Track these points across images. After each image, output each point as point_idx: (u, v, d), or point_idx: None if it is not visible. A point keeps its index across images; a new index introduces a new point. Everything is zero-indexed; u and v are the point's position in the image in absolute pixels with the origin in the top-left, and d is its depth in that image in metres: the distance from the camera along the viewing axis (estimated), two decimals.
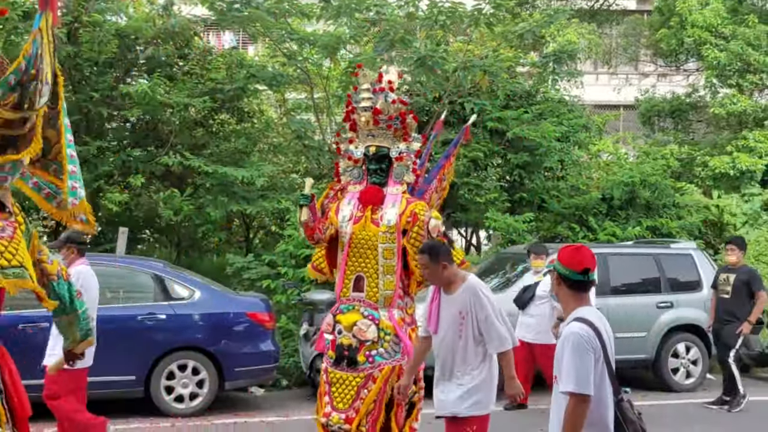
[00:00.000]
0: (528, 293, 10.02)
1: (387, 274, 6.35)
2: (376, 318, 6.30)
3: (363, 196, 6.51)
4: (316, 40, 14.26)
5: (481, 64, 14.52)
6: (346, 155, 6.70)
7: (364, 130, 6.57)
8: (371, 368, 6.26)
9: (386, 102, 6.53)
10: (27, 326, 9.02)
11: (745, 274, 10.26)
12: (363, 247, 6.37)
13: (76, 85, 13.98)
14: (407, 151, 6.59)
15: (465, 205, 15.02)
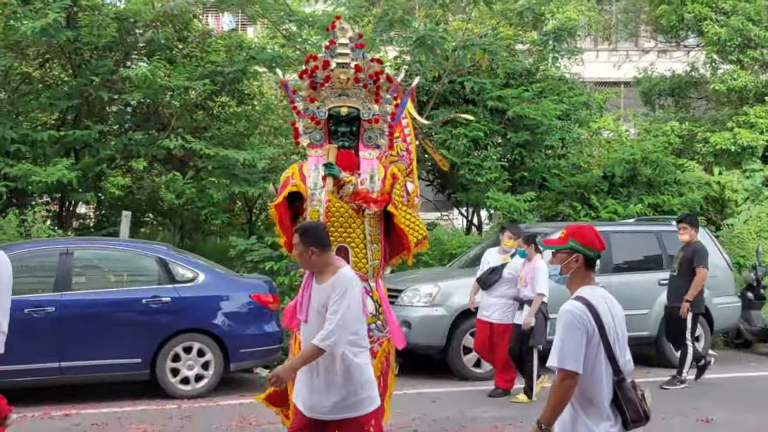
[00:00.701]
0: (495, 275, 9.70)
1: (374, 243, 6.02)
2: (369, 290, 5.93)
3: (339, 162, 5.99)
4: (315, 21, 14.23)
5: (480, 42, 14.50)
6: (307, 115, 6.20)
7: (337, 88, 6.12)
8: (371, 343, 5.75)
9: (365, 60, 6.21)
10: (33, 310, 9.07)
11: (691, 251, 10.10)
12: (344, 216, 5.93)
13: (76, 69, 13.98)
14: (381, 114, 6.22)
15: (466, 185, 15.04)
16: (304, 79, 6.22)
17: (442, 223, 17.07)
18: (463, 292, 10.73)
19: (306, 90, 6.21)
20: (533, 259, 9.42)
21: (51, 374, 9.14)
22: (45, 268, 9.60)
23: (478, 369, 10.71)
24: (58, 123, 14.52)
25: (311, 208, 5.96)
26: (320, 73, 6.14)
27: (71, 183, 12.45)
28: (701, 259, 9.96)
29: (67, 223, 14.33)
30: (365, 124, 6.16)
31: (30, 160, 13.12)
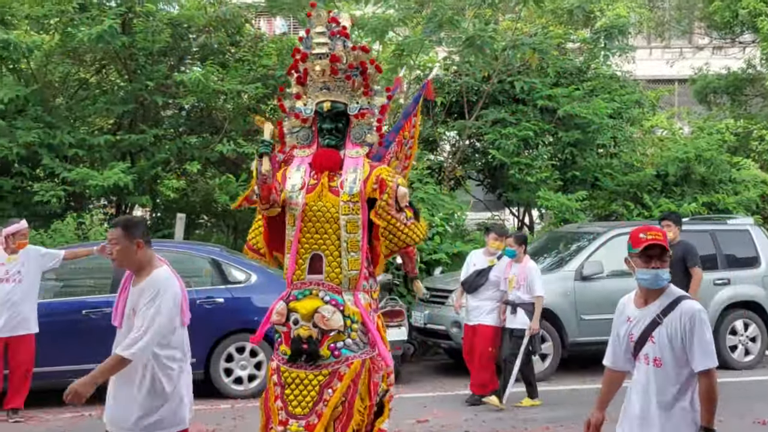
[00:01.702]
0: (481, 277, 9.37)
1: (351, 251, 5.33)
2: (341, 303, 5.27)
3: (316, 160, 5.45)
4: (365, 23, 14.32)
5: (530, 42, 14.47)
6: (293, 114, 5.60)
7: (318, 82, 5.49)
8: (337, 363, 5.23)
9: (345, 48, 5.49)
10: (90, 312, 9.28)
11: (681, 249, 9.56)
12: (320, 221, 5.31)
13: (131, 75, 14.26)
14: (369, 107, 5.54)
15: (516, 185, 14.99)
16: (292, 75, 5.66)
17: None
18: None
19: (294, 87, 5.64)
20: (523, 260, 9.14)
21: None
22: (102, 270, 9.82)
23: None
24: (114, 128, 14.81)
25: (289, 212, 5.40)
26: (301, 67, 5.55)
27: (127, 186, 12.70)
28: (694, 258, 9.52)
29: None
30: (353, 120, 5.51)
31: (87, 164, 13.42)
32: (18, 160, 12.74)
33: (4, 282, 8.39)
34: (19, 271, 8.47)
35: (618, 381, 4.40)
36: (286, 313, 5.31)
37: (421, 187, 13.25)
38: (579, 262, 11.16)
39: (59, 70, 14.31)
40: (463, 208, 14.16)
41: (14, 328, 8.35)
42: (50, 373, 9.02)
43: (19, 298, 8.37)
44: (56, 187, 12.62)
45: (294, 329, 5.25)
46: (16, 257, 8.51)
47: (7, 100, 12.53)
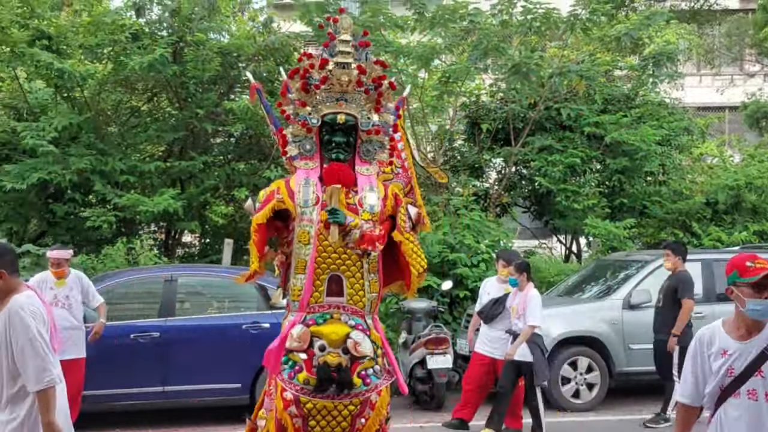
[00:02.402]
0: (498, 307, 9.02)
1: (371, 273, 5.10)
2: (366, 328, 5.06)
3: (331, 174, 5.09)
4: (411, 51, 14.42)
5: (577, 68, 14.43)
6: (298, 121, 5.26)
7: (334, 92, 5.21)
8: (367, 392, 4.97)
9: (368, 61, 5.29)
10: (138, 336, 9.41)
11: (675, 279, 9.47)
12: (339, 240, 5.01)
13: (182, 103, 14.51)
14: (381, 124, 5.33)
15: (563, 212, 14.90)
16: (295, 80, 5.30)
17: (540, 251, 16.93)
18: (561, 321, 10.68)
19: (297, 92, 5.29)
20: (525, 288, 8.72)
21: (155, 398, 9.45)
22: (151, 295, 9.97)
23: (577, 399, 10.57)
24: (164, 154, 15.06)
25: (300, 229, 5.06)
26: (316, 74, 5.21)
27: (177, 212, 12.89)
28: (686, 290, 9.31)
29: (173, 251, 14.82)
30: (363, 135, 5.28)
31: (138, 190, 13.66)
32: (71, 186, 13.01)
33: (53, 306, 8.35)
34: (67, 296, 8.55)
35: (694, 418, 4.18)
36: (309, 339, 4.97)
37: (467, 213, 13.24)
38: (627, 291, 11.02)
39: (112, 98, 14.62)
40: (510, 236, 14.10)
41: (64, 352, 8.42)
42: (100, 396, 9.16)
43: (69, 323, 8.44)
44: (107, 212, 12.85)
45: (319, 356, 4.93)
46: (64, 282, 8.59)
47: (61, 127, 12.83)
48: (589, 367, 10.63)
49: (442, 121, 16.54)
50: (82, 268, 11.87)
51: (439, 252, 12.37)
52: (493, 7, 14.80)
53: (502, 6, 14.62)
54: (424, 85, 15.54)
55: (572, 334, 10.68)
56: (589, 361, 10.64)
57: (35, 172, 12.54)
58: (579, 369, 10.61)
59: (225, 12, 15.28)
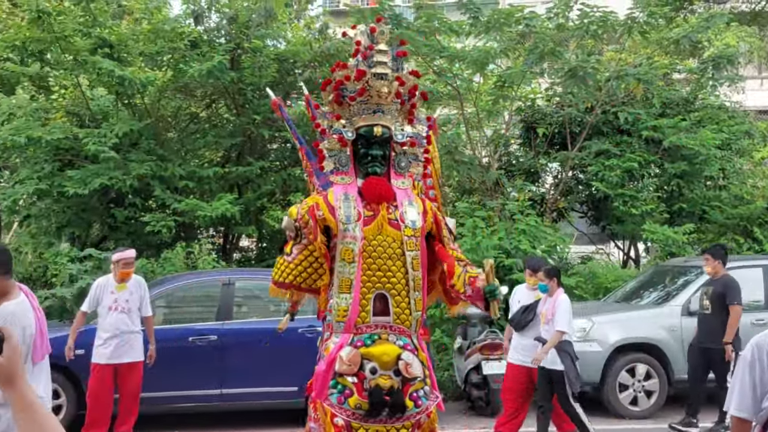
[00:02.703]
0: (529, 314, 8.74)
1: (416, 290, 4.91)
2: (414, 348, 4.89)
3: (372, 189, 4.93)
4: (466, 55, 14.41)
5: (634, 72, 14.28)
6: (334, 135, 5.08)
7: (371, 104, 5.01)
8: (418, 414, 4.81)
9: (404, 72, 5.13)
10: (196, 339, 9.55)
11: (721, 285, 9.23)
12: (381, 257, 4.82)
13: (239, 109, 14.70)
14: (415, 137, 5.17)
15: (620, 217, 14.74)
16: (328, 92, 5.15)
17: (597, 257, 16.77)
18: (618, 327, 10.58)
19: (330, 105, 5.16)
20: (555, 293, 8.50)
21: (212, 400, 9.56)
22: (209, 298, 10.11)
23: (635, 407, 10.44)
24: (222, 160, 15.27)
25: (343, 246, 4.85)
26: (351, 85, 5.03)
27: (234, 217, 13.06)
28: (734, 296, 9.10)
29: (230, 255, 15.01)
30: (397, 148, 5.11)
31: (197, 195, 13.87)
32: (132, 191, 13.27)
33: (113, 310, 8.51)
34: (127, 300, 8.57)
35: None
36: (359, 361, 4.74)
37: (523, 218, 13.18)
38: (686, 297, 10.85)
39: (171, 105, 14.88)
40: (566, 241, 14.00)
41: (122, 355, 8.50)
42: (158, 398, 9.31)
43: (127, 327, 8.51)
44: (167, 217, 13.08)
45: (370, 379, 4.71)
46: (125, 286, 8.61)
47: (122, 134, 13.09)
48: (647, 374, 10.50)
49: (497, 126, 16.50)
50: (142, 273, 12.12)
51: (494, 257, 12.33)
52: (548, 11, 14.73)
53: (558, 10, 14.53)
54: (479, 90, 15.53)
55: (630, 341, 10.56)
56: (648, 368, 10.51)
57: (97, 178, 12.81)
58: (637, 376, 10.49)
59: (281, 19, 15.46)
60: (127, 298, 8.57)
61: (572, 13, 14.51)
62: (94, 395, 8.45)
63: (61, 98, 15.23)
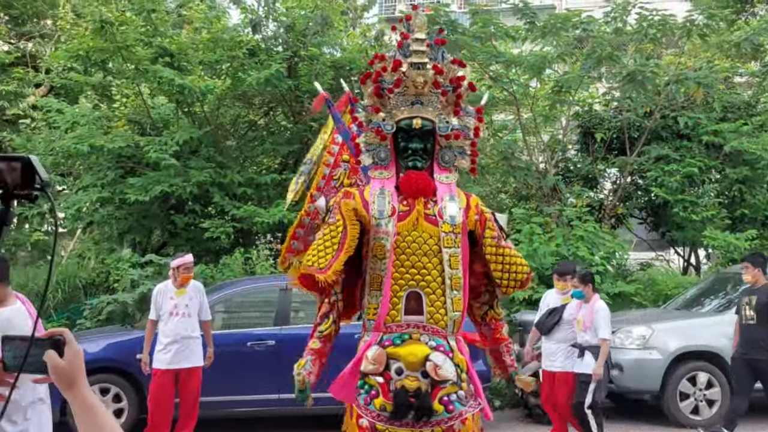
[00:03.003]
0: (554, 317, 8.60)
1: (455, 290, 4.57)
2: (448, 350, 4.54)
3: (409, 184, 4.64)
4: (522, 60, 14.35)
5: (694, 76, 14.08)
6: (373, 129, 4.78)
7: (409, 95, 4.73)
8: (450, 420, 4.47)
9: (445, 61, 4.82)
10: (255, 344, 9.65)
11: (765, 294, 8.94)
12: (416, 253, 4.55)
13: (296, 116, 14.84)
14: (461, 129, 4.82)
15: (680, 223, 14.52)
16: (368, 85, 4.87)
17: (657, 264, 16.53)
18: (679, 334, 10.43)
19: (370, 98, 4.86)
20: (591, 299, 8.38)
21: (270, 405, 9.63)
22: (266, 304, 10.20)
23: (696, 416, 10.27)
24: (280, 167, 15.42)
25: (375, 242, 4.60)
26: (389, 77, 4.76)
27: (292, 223, 13.15)
28: None
29: None
30: (442, 141, 4.79)
31: (255, 202, 14.03)
32: (191, 198, 13.47)
33: (174, 315, 8.53)
34: (187, 305, 8.57)
35: None
36: (385, 361, 4.50)
37: (581, 224, 13.06)
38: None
39: (230, 113, 15.08)
40: (625, 247, 13.83)
41: (183, 360, 8.54)
42: (217, 402, 9.42)
43: (187, 332, 8.52)
44: (225, 224, 13.25)
45: (396, 380, 4.45)
46: (185, 291, 8.61)
47: (182, 141, 13.32)
48: (708, 383, 10.32)
49: (554, 131, 16.39)
50: (201, 278, 12.29)
51: (552, 264, 12.25)
52: (606, 15, 14.60)
53: (615, 14, 14.39)
54: (535, 95, 15.44)
55: (691, 349, 10.39)
56: (709, 376, 10.33)
57: (158, 185, 13.05)
58: (698, 384, 10.32)
59: (338, 27, 15.57)
60: (186, 303, 8.59)
61: (630, 17, 14.36)
62: (155, 400, 8.54)
63: (122, 107, 15.57)
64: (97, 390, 9.23)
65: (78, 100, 16.62)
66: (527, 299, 12.09)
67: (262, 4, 15.24)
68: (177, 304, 8.58)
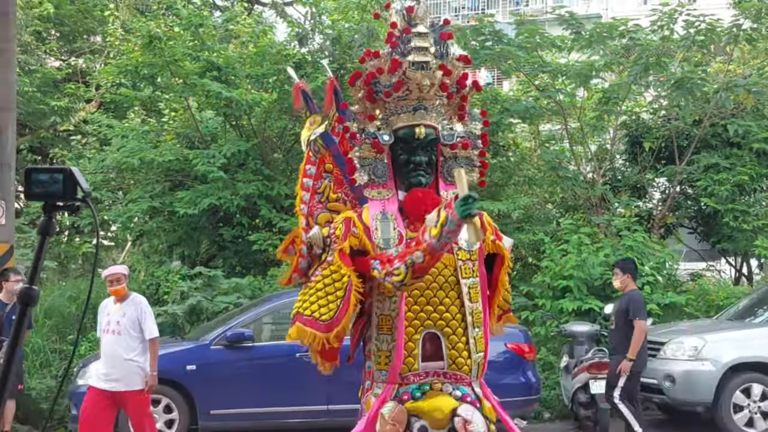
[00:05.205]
0: None
1: (476, 327, 3.91)
2: (475, 399, 3.90)
3: (416, 205, 3.91)
4: (569, 69, 14.26)
5: (744, 83, 13.86)
6: (367, 140, 4.01)
7: (411, 100, 3.98)
8: None
9: (450, 58, 4.07)
10: (303, 355, 9.66)
11: (625, 300, 8.96)
12: (431, 287, 3.84)
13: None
14: (467, 137, 4.12)
15: (731, 234, 14.28)
16: (358, 87, 4.11)
17: (708, 274, 16.29)
18: (732, 345, 10.25)
19: (360, 103, 4.11)
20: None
21: (320, 416, 9.65)
22: None
23: (751, 428, 10.07)
24: None
25: None
26: (386, 79, 4.00)
27: None
28: (636, 311, 8.81)
29: None
30: (446, 151, 4.10)
31: None
32: (239, 210, 13.58)
33: (106, 333, 7.72)
34: (118, 322, 7.66)
35: None
36: (406, 420, 3.80)
37: (629, 234, 12.92)
38: None
39: (277, 126, 15.18)
40: (675, 258, 13.64)
41: (112, 382, 7.63)
42: (265, 414, 9.48)
43: (117, 352, 7.60)
44: (273, 236, 13.33)
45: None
46: (119, 307, 7.74)
47: (229, 154, 13.45)
48: (763, 395, 10.13)
49: (601, 141, 16.25)
50: (249, 290, 12.38)
51: (600, 274, 12.13)
52: (652, 23, 14.46)
53: (662, 22, 14.25)
54: (582, 105, 15.33)
55: (744, 360, 10.19)
56: (764, 388, 10.13)
57: (206, 198, 13.18)
58: (752, 396, 10.12)
59: (384, 38, 15.60)
60: (118, 320, 7.67)
61: (677, 26, 14.20)
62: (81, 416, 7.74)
63: (171, 121, 15.76)
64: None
65: (127, 114, 16.88)
66: (576, 310, 12.00)
67: (308, 18, 15.35)
68: (110, 320, 7.74)
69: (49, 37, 20.84)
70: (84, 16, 20.05)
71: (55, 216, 2.46)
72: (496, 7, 32.16)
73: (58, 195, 2.42)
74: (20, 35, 17.10)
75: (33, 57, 19.37)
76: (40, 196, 2.43)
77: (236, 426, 9.62)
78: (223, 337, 9.64)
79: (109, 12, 16.74)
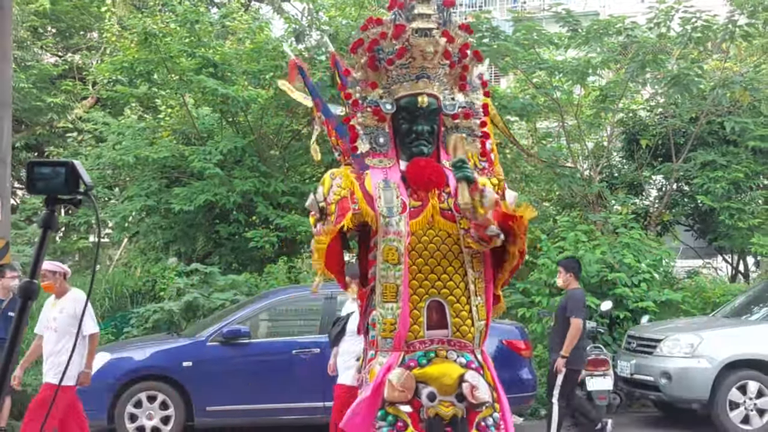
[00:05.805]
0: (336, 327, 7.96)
1: (478, 295, 3.95)
2: (478, 366, 3.97)
3: (420, 173, 3.95)
4: (565, 66, 14.25)
5: (740, 80, 13.86)
6: (368, 107, 4.05)
7: (414, 68, 3.99)
8: None
9: (454, 26, 4.11)
10: (300, 351, 9.68)
11: (566, 298, 8.99)
12: (434, 256, 3.89)
13: None
14: (470, 107, 4.15)
15: (727, 231, 14.29)
16: (359, 54, 4.11)
17: (705, 271, 16.30)
18: (728, 342, 10.25)
19: (362, 70, 4.10)
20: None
21: (316, 413, 9.64)
22: (311, 312, 10.23)
23: (747, 425, 10.08)
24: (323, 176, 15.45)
25: (385, 245, 3.87)
26: (388, 45, 4.00)
27: None
28: (574, 309, 8.80)
29: None
30: (447, 121, 4.12)
31: (299, 211, 14.09)
32: (235, 207, 13.56)
33: (46, 329, 7.64)
34: (55, 318, 7.58)
35: None
36: (414, 386, 3.80)
37: (626, 232, 12.92)
38: None
39: (274, 122, 15.16)
40: (672, 255, 13.64)
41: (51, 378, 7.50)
42: (261, 410, 9.47)
43: (54, 348, 7.51)
44: (270, 233, 13.31)
45: (428, 407, 3.79)
46: (56, 303, 7.62)
47: (226, 151, 13.42)
48: (759, 392, 10.14)
49: (598, 138, 16.25)
50: (246, 286, 12.37)
51: (597, 272, 12.13)
52: (649, 21, 14.45)
53: (659, 19, 14.23)
54: (579, 102, 15.33)
55: (740, 357, 10.20)
56: (760, 385, 10.14)
57: (202, 194, 13.16)
58: (748, 394, 10.14)
59: None
60: (55, 316, 7.57)
61: (673, 23, 14.18)
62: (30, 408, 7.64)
63: (167, 117, 15.73)
64: (145, 397, 9.34)
65: (123, 111, 16.86)
66: None
67: (305, 14, 15.33)
68: (48, 317, 7.68)
69: (45, 33, 20.82)
70: (80, 12, 20.03)
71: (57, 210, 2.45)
72: (493, 4, 32.13)
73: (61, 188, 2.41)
74: (16, 31, 17.08)
75: (29, 53, 19.36)
76: (42, 189, 2.42)
77: (232, 422, 9.62)
78: (219, 333, 9.62)
79: (105, 8, 16.70)
